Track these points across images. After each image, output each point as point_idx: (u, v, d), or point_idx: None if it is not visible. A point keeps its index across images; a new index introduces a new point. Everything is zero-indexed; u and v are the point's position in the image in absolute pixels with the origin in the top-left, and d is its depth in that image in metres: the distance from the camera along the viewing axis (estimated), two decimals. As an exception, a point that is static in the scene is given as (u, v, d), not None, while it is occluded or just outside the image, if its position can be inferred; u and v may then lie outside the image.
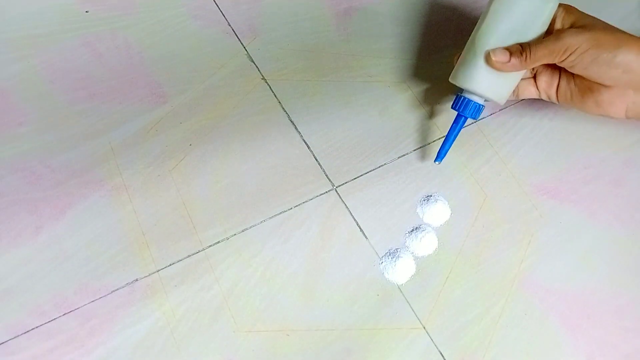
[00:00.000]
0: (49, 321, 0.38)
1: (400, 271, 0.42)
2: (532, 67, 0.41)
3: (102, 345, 0.38)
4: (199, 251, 0.42)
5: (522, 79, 0.44)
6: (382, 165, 0.46)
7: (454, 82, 0.43)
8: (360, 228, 0.44)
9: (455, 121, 0.43)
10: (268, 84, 0.49)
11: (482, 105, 0.43)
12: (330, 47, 0.51)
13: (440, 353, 0.40)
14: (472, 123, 0.49)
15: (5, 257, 0.40)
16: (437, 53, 0.52)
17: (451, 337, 0.40)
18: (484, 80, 0.41)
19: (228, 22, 0.52)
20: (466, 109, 0.43)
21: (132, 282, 0.40)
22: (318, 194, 0.45)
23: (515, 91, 0.45)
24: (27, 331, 0.38)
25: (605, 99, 0.40)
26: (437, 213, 0.44)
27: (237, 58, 0.50)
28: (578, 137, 0.49)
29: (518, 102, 0.50)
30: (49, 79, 0.47)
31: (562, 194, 0.46)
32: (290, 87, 0.49)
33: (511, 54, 0.39)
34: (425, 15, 0.54)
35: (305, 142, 0.47)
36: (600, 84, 0.40)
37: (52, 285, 0.40)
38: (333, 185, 0.45)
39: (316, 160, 0.46)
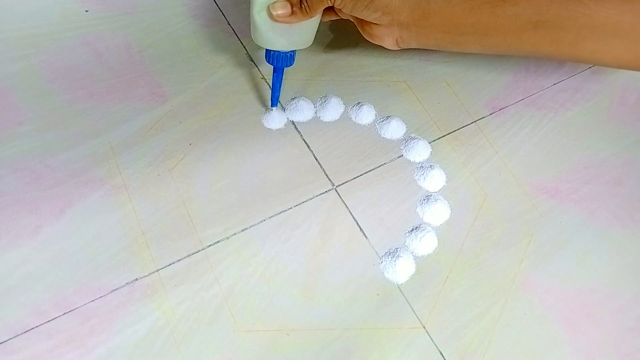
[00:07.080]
0: (49, 321, 0.38)
1: (400, 271, 0.42)
2: (315, 14, 0.41)
3: (102, 345, 0.38)
4: (198, 251, 0.42)
5: None
6: (382, 165, 0.46)
7: (256, 42, 0.43)
8: (360, 228, 0.44)
9: (275, 71, 0.44)
10: (268, 84, 0.49)
11: (291, 53, 0.43)
12: (330, 46, 0.51)
13: (440, 353, 0.40)
14: (466, 128, 0.49)
15: (5, 257, 0.40)
16: (437, 52, 0.52)
17: (451, 336, 0.40)
18: (277, 37, 0.41)
19: (228, 22, 0.52)
20: (276, 60, 0.43)
21: (131, 282, 0.40)
22: (318, 194, 0.45)
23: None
24: (27, 331, 0.38)
25: (376, 33, 0.42)
26: (437, 213, 0.44)
27: (237, 57, 0.50)
28: (578, 137, 0.49)
29: (518, 102, 0.50)
30: (49, 79, 0.47)
31: (562, 193, 0.46)
32: (290, 87, 0.49)
33: (292, 5, 0.40)
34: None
35: (305, 142, 0.47)
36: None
37: (51, 285, 0.40)
38: (333, 185, 0.45)
39: (316, 160, 0.46)
